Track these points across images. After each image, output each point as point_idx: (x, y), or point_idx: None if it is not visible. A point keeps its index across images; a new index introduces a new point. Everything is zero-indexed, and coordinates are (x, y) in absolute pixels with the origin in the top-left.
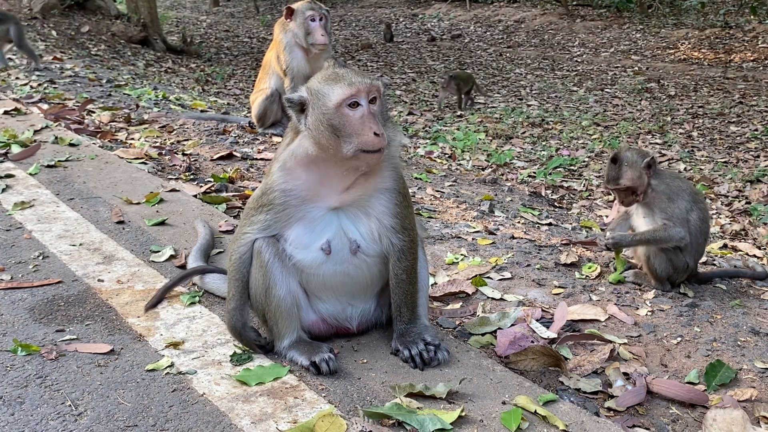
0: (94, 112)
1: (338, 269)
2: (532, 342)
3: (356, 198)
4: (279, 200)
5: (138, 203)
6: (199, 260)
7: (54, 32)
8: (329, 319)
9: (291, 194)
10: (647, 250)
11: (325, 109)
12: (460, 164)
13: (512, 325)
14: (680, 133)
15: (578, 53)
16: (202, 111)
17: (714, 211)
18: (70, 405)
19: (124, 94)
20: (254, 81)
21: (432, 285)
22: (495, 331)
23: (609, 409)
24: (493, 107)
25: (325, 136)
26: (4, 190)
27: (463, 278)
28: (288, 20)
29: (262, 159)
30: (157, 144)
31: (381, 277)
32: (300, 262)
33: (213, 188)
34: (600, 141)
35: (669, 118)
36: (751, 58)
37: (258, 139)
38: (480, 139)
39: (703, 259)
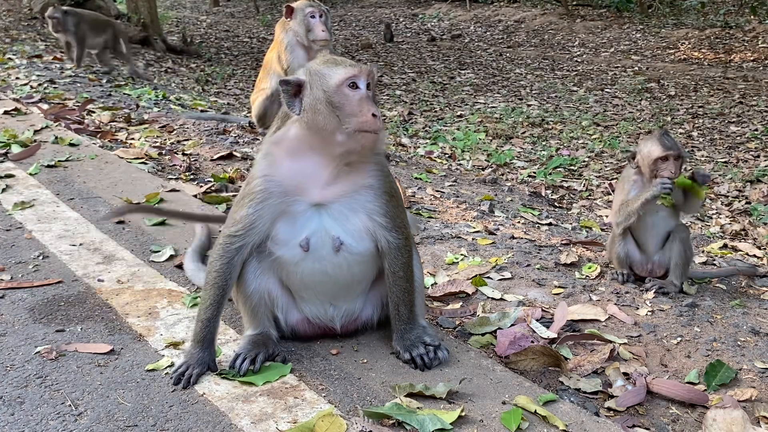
0: (94, 112)
1: (317, 267)
2: (532, 342)
3: (340, 194)
4: (259, 187)
5: (138, 203)
6: (195, 261)
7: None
8: (312, 318)
9: (273, 181)
10: (685, 255)
11: (326, 88)
12: (460, 164)
13: (512, 325)
14: (680, 133)
15: (578, 53)
16: (202, 111)
17: (714, 211)
18: (70, 405)
19: (124, 94)
20: (254, 81)
21: (432, 285)
22: (495, 331)
23: (609, 409)
24: (493, 107)
25: (324, 115)
26: (4, 190)
27: (463, 278)
28: (288, 19)
29: None
30: (157, 144)
31: (364, 277)
32: (279, 259)
33: (213, 188)
34: (600, 141)
35: (669, 118)
36: (751, 58)
37: (258, 139)
38: (480, 139)
39: (703, 259)
